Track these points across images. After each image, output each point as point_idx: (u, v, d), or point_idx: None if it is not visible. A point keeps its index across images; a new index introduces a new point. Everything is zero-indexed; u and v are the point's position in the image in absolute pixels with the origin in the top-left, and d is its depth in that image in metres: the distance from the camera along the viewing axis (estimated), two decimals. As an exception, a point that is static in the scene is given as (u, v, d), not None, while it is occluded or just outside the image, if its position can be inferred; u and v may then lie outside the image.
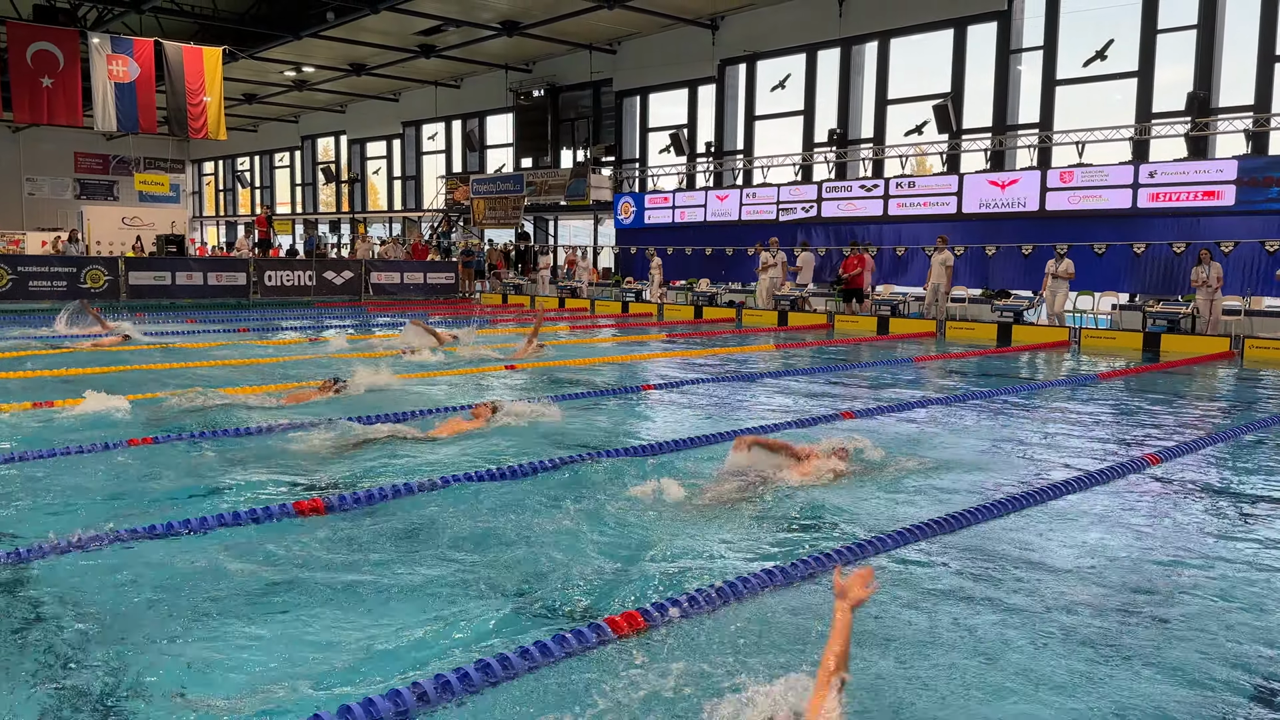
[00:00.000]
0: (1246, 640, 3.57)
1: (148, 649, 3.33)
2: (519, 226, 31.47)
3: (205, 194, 52.20)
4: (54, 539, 4.32)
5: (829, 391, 10.17)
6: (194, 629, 3.50)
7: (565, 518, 4.98)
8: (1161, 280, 17.78)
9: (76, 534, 4.38)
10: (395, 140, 38.61)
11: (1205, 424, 8.68)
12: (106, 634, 3.45)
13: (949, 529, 4.90)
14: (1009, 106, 20.91)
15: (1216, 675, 3.27)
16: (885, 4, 22.35)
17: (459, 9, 25.13)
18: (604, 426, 7.77)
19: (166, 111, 23.60)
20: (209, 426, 7.31)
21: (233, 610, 3.69)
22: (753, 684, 2.75)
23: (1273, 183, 16.53)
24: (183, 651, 3.31)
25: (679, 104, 27.93)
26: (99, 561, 4.21)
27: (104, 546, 4.34)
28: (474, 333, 14.50)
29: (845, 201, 22.61)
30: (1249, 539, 4.94)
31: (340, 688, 3.04)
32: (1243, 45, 17.70)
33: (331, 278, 24.78)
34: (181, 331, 15.53)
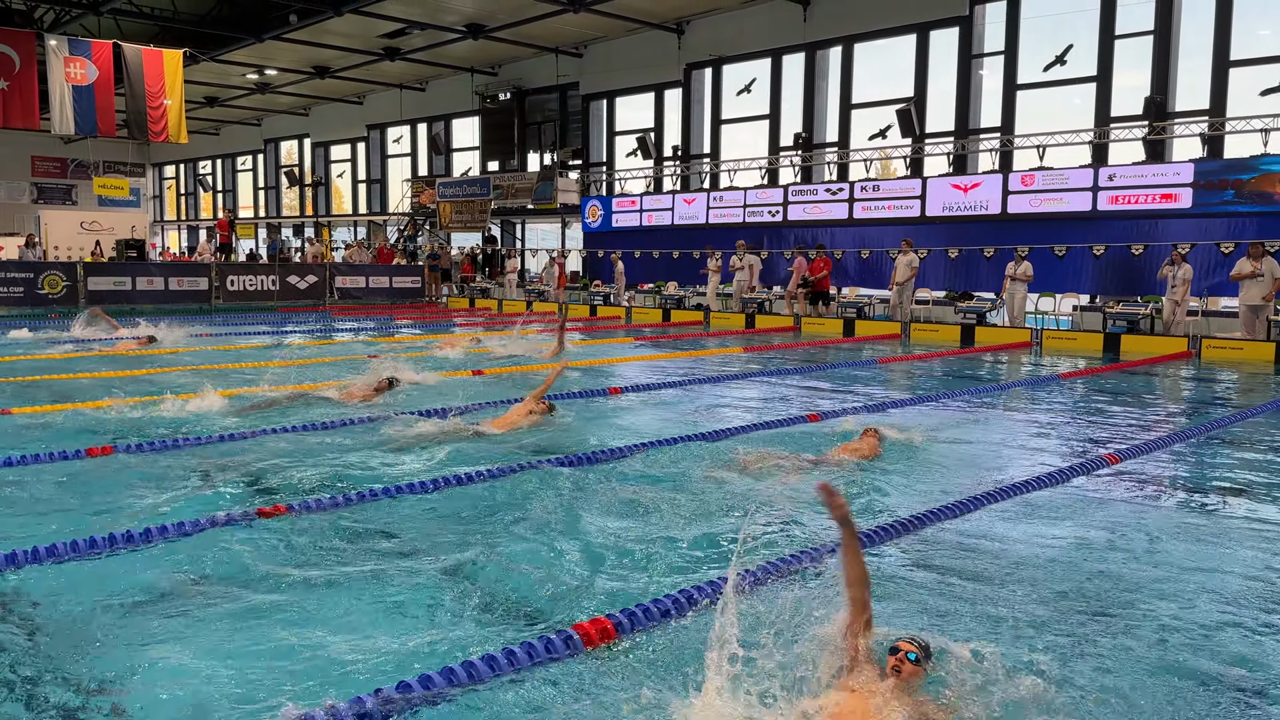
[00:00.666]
0: (1199, 636, 3.64)
1: (92, 661, 3.27)
2: (486, 230, 31.36)
3: (166, 198, 51.52)
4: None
5: (797, 394, 10.23)
6: (147, 639, 3.46)
7: (543, 522, 4.98)
8: (1121, 281, 18.06)
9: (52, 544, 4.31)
10: (360, 143, 38.34)
11: (1165, 424, 8.83)
12: (49, 648, 3.39)
13: (910, 529, 4.94)
14: (971, 111, 21.16)
15: (1171, 668, 3.33)
16: (849, 9, 22.54)
17: (423, 12, 25.01)
18: (575, 430, 7.76)
19: (126, 114, 23.27)
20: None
21: (190, 619, 3.64)
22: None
23: (1228, 185, 16.85)
24: (129, 664, 3.27)
25: (645, 108, 27.99)
26: (43, 574, 4.14)
27: (57, 560, 4.28)
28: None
29: (811, 205, 22.76)
30: (1204, 537, 5.03)
31: (301, 695, 3.01)
32: (1198, 51, 18.04)
33: (295, 282, 24.54)
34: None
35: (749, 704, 2.77)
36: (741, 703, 2.77)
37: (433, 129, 34.54)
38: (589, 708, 2.97)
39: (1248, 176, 16.62)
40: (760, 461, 6.23)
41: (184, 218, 50.05)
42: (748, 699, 2.78)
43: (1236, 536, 4.99)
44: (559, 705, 2.99)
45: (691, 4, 24.38)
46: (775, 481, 5.84)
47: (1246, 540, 4.92)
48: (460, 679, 3.00)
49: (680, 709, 2.81)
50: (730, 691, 2.79)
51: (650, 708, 2.84)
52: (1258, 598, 4.06)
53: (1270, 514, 5.51)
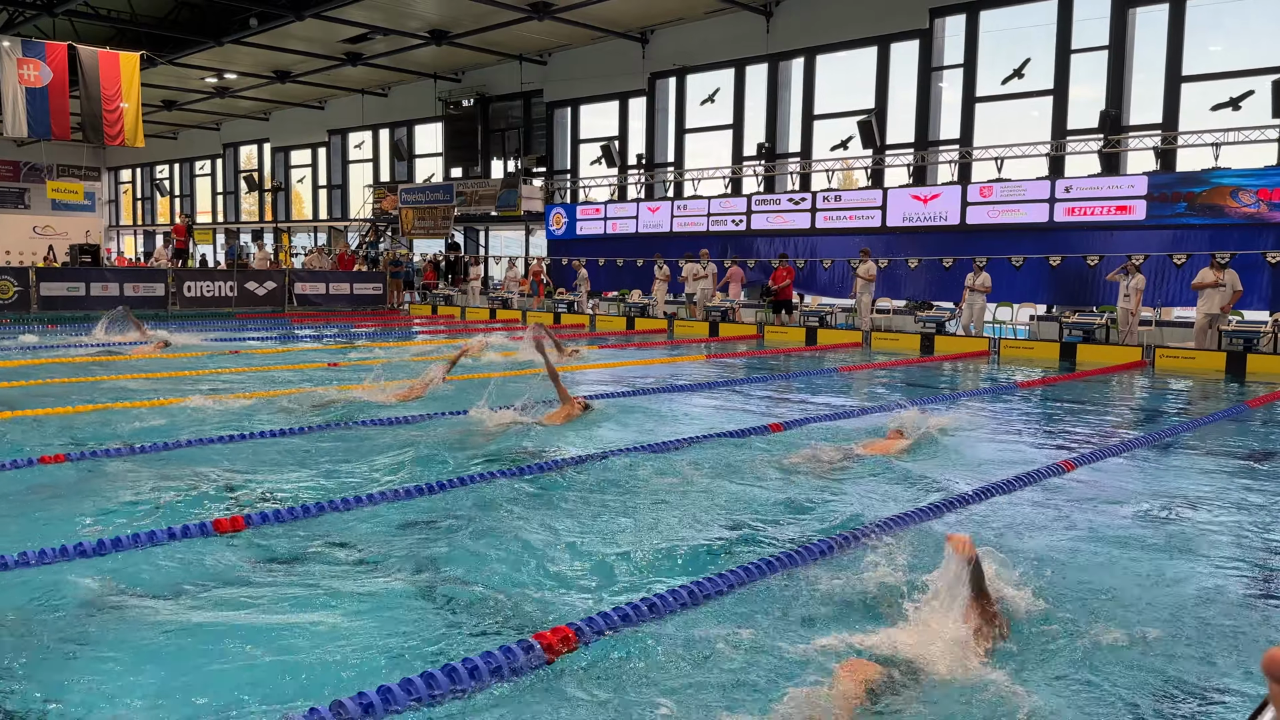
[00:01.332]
0: (1155, 644, 3.70)
1: (38, 675, 3.21)
2: (449, 237, 31.21)
3: (122, 202, 50.72)
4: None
5: (760, 402, 10.27)
6: (92, 652, 3.39)
7: (513, 530, 4.95)
8: (1077, 291, 18.37)
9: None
10: (321, 148, 38.00)
11: (1119, 431, 8.97)
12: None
13: (872, 535, 4.97)
14: (931, 122, 21.43)
15: (1124, 675, 3.38)
16: (811, 21, 22.75)
17: (386, 17, 24.87)
18: (543, 436, 7.73)
19: (81, 117, 22.87)
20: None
21: (150, 630, 3.58)
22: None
23: (1180, 198, 17.20)
24: (72, 678, 3.20)
25: (610, 116, 28.03)
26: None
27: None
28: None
29: (774, 214, 22.91)
30: (1157, 541, 5.11)
31: (259, 708, 2.97)
32: (1151, 66, 18.42)
33: (254, 288, 24.25)
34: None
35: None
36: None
37: (395, 135, 34.33)
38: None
39: (1199, 189, 16.98)
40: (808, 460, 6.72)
41: (140, 222, 49.30)
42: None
43: (1184, 542, 5.09)
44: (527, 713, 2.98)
45: (656, 14, 24.48)
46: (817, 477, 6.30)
47: (1197, 545, 5.02)
48: (419, 690, 2.98)
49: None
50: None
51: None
52: (1203, 602, 4.14)
53: (1221, 518, 5.62)
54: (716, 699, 3.10)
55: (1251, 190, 16.47)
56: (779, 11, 23.30)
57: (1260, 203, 16.39)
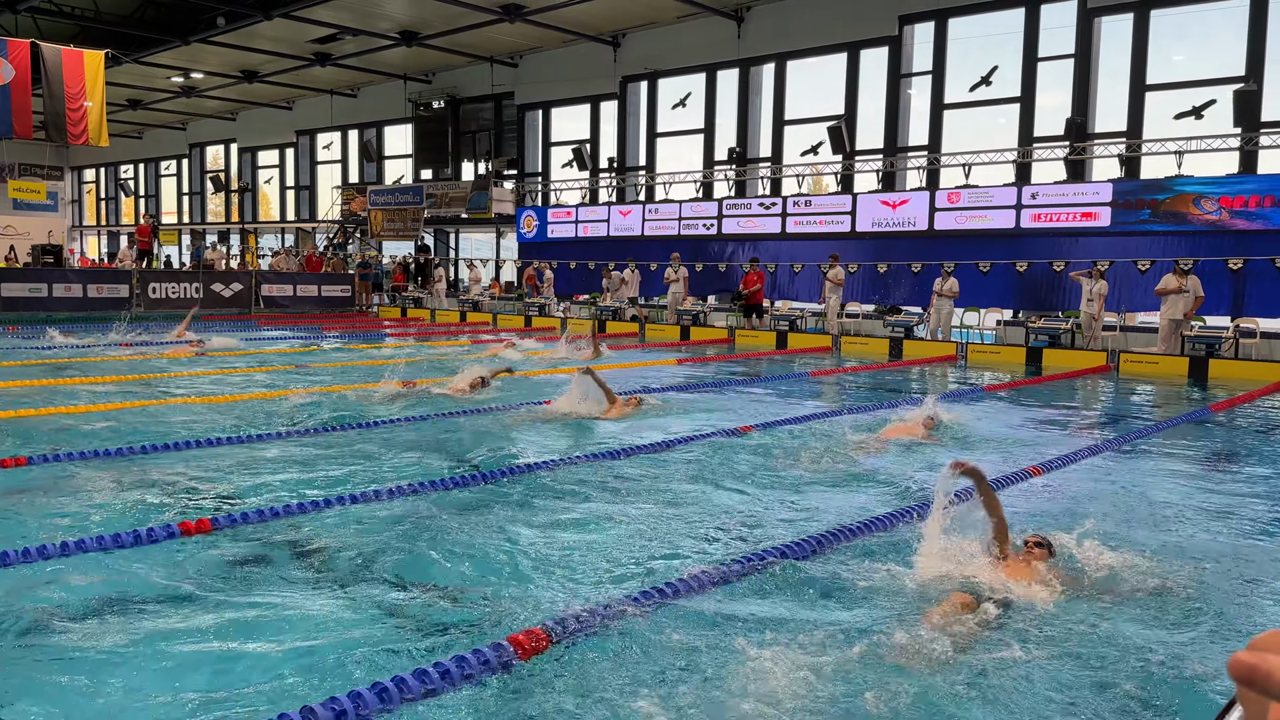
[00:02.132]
0: (1121, 647, 3.74)
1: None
2: (419, 239, 31.03)
3: (85, 202, 49.98)
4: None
5: (732, 404, 10.28)
6: (51, 655, 3.33)
7: (473, 535, 4.92)
8: (1043, 297, 18.58)
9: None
10: (289, 149, 37.65)
11: (1086, 435, 9.07)
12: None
13: (831, 543, 4.99)
14: (900, 129, 21.60)
15: (1092, 683, 3.41)
16: (782, 27, 22.87)
17: (355, 18, 24.70)
18: (514, 441, 7.70)
19: (44, 115, 22.51)
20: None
21: (110, 634, 3.52)
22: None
23: (1144, 205, 17.46)
24: (28, 683, 3.14)
25: (581, 119, 28.01)
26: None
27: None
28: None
29: (745, 219, 22.99)
30: (1125, 545, 5.17)
31: (226, 712, 2.92)
32: (1116, 74, 18.68)
33: (220, 290, 23.98)
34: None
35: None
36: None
37: (364, 136, 34.09)
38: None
39: (1163, 196, 17.24)
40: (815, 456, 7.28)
41: (104, 223, 48.60)
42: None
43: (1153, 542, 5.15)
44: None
45: (627, 17, 24.50)
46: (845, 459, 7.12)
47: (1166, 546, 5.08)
48: (390, 696, 2.95)
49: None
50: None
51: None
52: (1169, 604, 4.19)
53: (1190, 518, 5.70)
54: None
55: (1213, 198, 16.75)
56: (750, 16, 23.39)
57: (1222, 210, 16.67)
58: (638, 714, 2.95)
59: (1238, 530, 5.59)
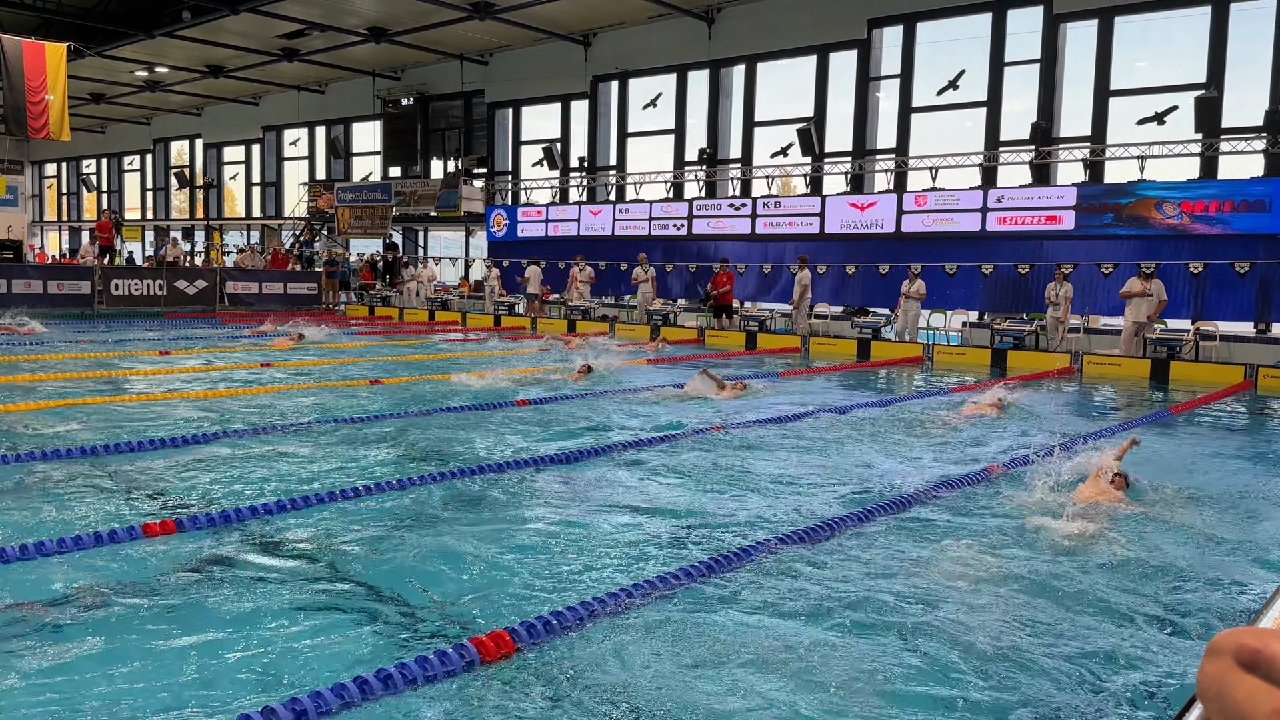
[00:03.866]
0: (1082, 641, 3.79)
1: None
2: (387, 237, 30.82)
3: (46, 197, 49.19)
4: None
5: (704, 404, 10.30)
6: (33, 657, 3.27)
7: (447, 535, 4.90)
8: (1009, 299, 18.78)
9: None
10: (255, 145, 37.27)
11: (1045, 435, 9.17)
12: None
13: (806, 540, 5.02)
14: (868, 131, 21.75)
15: (1051, 667, 3.46)
16: (752, 28, 22.95)
17: (323, 13, 24.50)
18: (485, 440, 7.67)
19: (4, 109, 22.13)
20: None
21: (74, 635, 3.46)
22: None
23: (1108, 209, 17.70)
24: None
25: (552, 118, 27.95)
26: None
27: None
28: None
29: (715, 219, 23.05)
30: (1078, 547, 5.24)
31: (187, 714, 2.89)
32: (1081, 80, 18.93)
33: (184, 287, 23.66)
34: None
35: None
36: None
37: (332, 132, 33.81)
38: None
39: (1126, 201, 17.49)
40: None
41: (65, 218, 47.85)
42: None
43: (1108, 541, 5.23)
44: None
45: (598, 17, 24.48)
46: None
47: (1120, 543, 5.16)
48: (351, 696, 2.92)
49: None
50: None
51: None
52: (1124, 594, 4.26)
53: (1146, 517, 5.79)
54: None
55: (1175, 202, 17.01)
56: (720, 18, 23.46)
57: (1183, 214, 16.94)
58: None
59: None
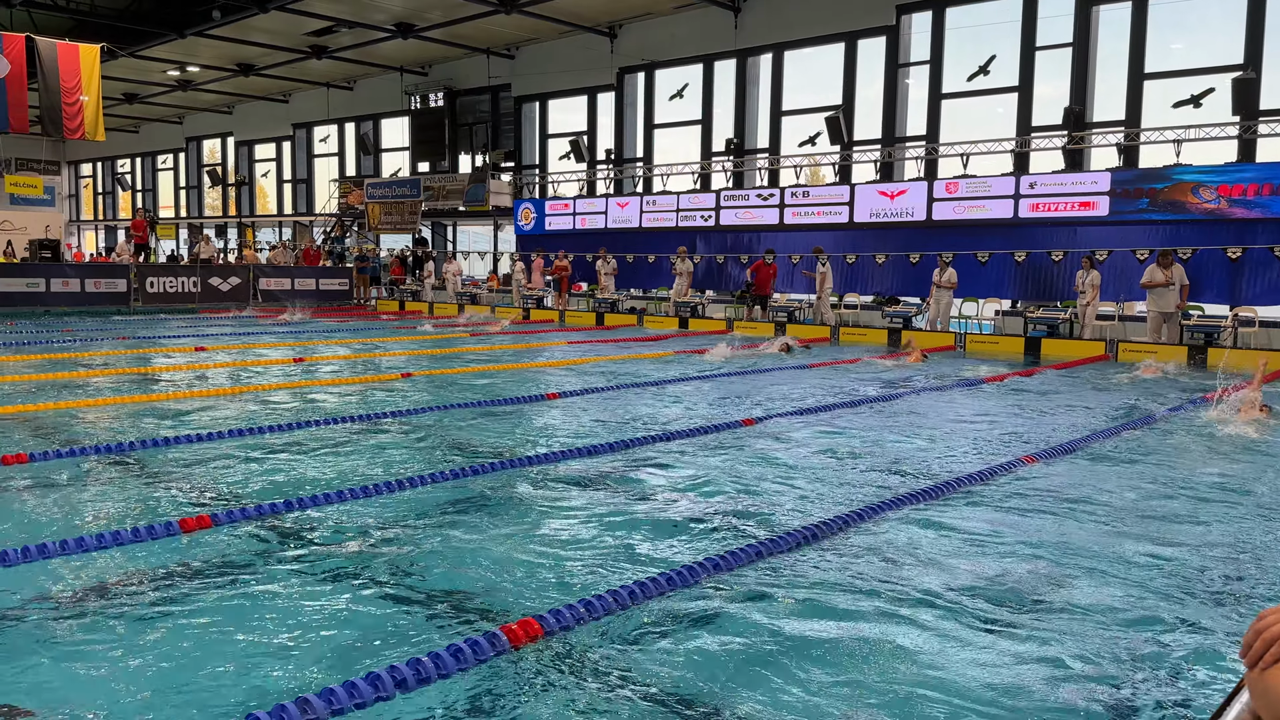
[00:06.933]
0: (1119, 631, 3.75)
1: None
2: (416, 232, 31.00)
3: (83, 197, 49.94)
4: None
5: (734, 395, 10.28)
6: (52, 652, 3.33)
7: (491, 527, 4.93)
8: (1042, 287, 18.57)
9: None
10: (285, 142, 37.61)
11: (1081, 425, 9.07)
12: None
13: (838, 529, 5.00)
14: (897, 119, 21.57)
15: (1092, 664, 3.42)
16: (779, 17, 22.82)
17: (352, 10, 24.66)
18: (516, 433, 7.70)
19: (40, 110, 22.48)
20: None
21: (112, 628, 3.52)
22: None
23: (1142, 194, 17.44)
24: (33, 680, 3.15)
25: (579, 111, 27.97)
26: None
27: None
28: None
29: (743, 210, 22.97)
30: (1117, 534, 5.18)
31: (221, 706, 2.93)
32: (1114, 63, 18.65)
33: (217, 284, 23.96)
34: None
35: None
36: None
37: (361, 129, 34.04)
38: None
39: (1161, 185, 17.23)
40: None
41: (101, 217, 48.57)
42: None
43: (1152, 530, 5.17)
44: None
45: (624, 8, 24.45)
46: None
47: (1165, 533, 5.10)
48: (385, 686, 2.95)
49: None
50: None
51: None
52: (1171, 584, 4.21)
53: (1188, 508, 5.71)
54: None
55: (1212, 186, 16.73)
56: (747, 7, 23.35)
57: (1220, 199, 16.66)
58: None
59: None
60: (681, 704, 3.03)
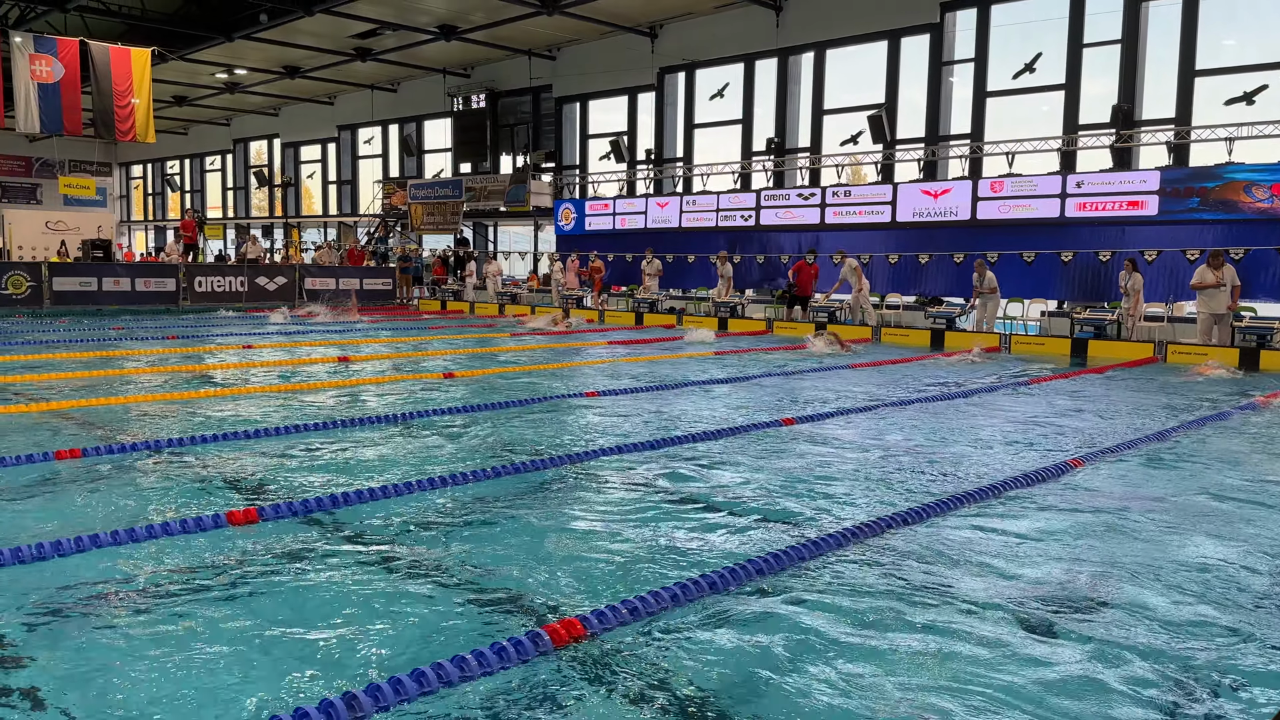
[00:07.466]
0: (1167, 636, 3.68)
1: (41, 669, 3.22)
2: (458, 232, 31.25)
3: (133, 198, 50.94)
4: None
5: (774, 396, 10.25)
6: (94, 646, 3.40)
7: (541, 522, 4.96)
8: (1089, 288, 18.29)
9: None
10: (330, 144, 38.10)
11: (1128, 428, 8.93)
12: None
13: (880, 531, 4.96)
14: (941, 117, 21.36)
15: (1142, 674, 3.37)
16: (821, 15, 22.69)
17: (395, 13, 24.91)
18: (557, 432, 7.74)
19: (93, 113, 22.97)
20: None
21: (158, 621, 3.59)
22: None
23: (1193, 193, 17.11)
24: (75, 673, 3.21)
25: (619, 111, 28.02)
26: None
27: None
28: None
29: (783, 210, 22.87)
30: (1166, 539, 5.09)
31: (270, 698, 2.97)
32: (1164, 60, 18.32)
33: (264, 283, 24.32)
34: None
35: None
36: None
37: (404, 130, 34.38)
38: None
39: (1212, 184, 16.89)
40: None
41: (151, 218, 49.52)
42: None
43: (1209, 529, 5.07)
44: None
45: (665, 8, 24.46)
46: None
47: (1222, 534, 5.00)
48: (430, 682, 2.98)
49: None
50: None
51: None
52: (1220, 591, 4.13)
53: (1242, 512, 5.59)
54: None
55: (1265, 185, 16.37)
56: (789, 6, 23.24)
57: (1274, 198, 16.29)
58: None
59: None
60: (721, 706, 3.02)
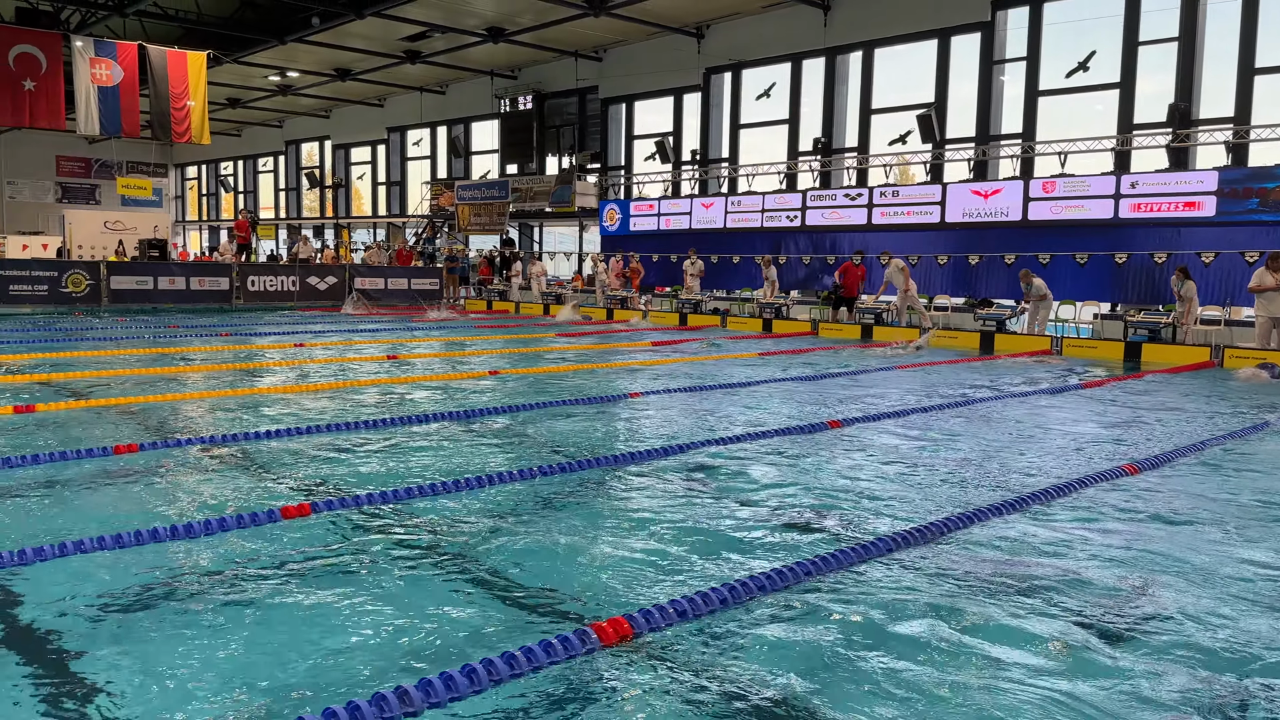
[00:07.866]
0: (1218, 650, 3.61)
1: (93, 661, 3.30)
2: (504, 233, 31.47)
3: (188, 198, 51.96)
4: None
5: (819, 397, 10.19)
6: (145, 640, 3.48)
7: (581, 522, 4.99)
8: (1143, 290, 17.94)
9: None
10: (380, 145, 38.55)
11: (1183, 433, 8.75)
12: (37, 649, 3.42)
13: (926, 539, 4.92)
14: (992, 116, 21.08)
15: (1196, 683, 3.31)
16: (870, 15, 22.51)
17: (444, 15, 25.14)
18: (603, 431, 7.78)
19: (150, 115, 23.50)
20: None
21: (209, 615, 3.67)
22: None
23: (1252, 194, 16.71)
24: (122, 667, 3.29)
25: (664, 112, 28.02)
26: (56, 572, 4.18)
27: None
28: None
29: (830, 210, 22.72)
30: (1222, 549, 4.99)
31: (318, 694, 3.02)
32: (1223, 58, 17.91)
33: (315, 283, 24.69)
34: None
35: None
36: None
37: (452, 132, 34.69)
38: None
39: (1272, 185, 16.48)
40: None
41: (205, 218, 50.48)
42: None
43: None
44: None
45: (711, 8, 24.41)
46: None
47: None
48: (480, 679, 3.01)
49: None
50: None
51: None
52: None
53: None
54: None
55: (1328, 185, 15.94)
56: (837, 5, 23.09)
57: (1337, 198, 15.86)
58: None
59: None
60: (768, 708, 3.02)
